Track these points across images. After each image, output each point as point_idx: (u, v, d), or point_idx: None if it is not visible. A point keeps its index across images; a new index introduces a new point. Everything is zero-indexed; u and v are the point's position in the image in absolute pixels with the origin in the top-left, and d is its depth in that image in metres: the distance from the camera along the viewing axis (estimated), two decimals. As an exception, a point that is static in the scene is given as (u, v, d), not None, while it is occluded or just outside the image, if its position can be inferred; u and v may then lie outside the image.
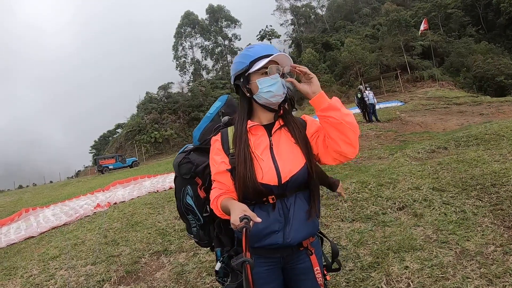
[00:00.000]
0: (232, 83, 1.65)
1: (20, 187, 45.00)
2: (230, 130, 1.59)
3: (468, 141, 7.20)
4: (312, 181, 1.52)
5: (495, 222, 3.44)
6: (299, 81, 1.51)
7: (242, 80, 1.54)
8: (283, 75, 1.51)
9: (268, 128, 1.56)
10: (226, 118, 1.69)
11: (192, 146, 1.88)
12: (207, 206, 1.70)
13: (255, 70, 1.49)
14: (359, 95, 16.86)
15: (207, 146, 1.69)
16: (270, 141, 1.52)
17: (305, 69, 1.47)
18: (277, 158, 1.48)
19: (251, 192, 1.44)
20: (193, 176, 1.76)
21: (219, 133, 1.61)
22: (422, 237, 3.43)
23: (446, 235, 3.35)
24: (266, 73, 1.49)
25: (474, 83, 39.58)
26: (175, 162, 1.84)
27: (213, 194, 1.52)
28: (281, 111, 1.58)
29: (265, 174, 1.44)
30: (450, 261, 2.91)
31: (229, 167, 1.50)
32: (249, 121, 1.55)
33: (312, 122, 1.61)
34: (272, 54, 1.47)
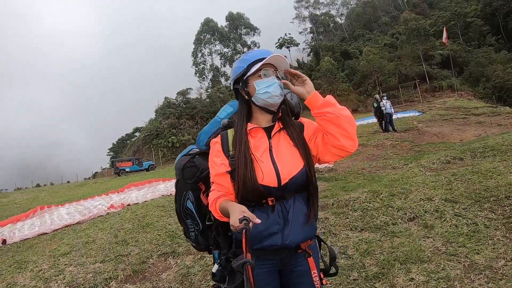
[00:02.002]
0: (231, 88, 1.68)
1: (38, 185, 45.82)
2: (230, 132, 1.60)
3: (485, 152, 7.05)
4: (311, 184, 1.53)
5: (507, 235, 3.36)
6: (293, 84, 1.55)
7: (240, 83, 1.58)
8: (278, 78, 1.54)
9: (268, 130, 1.57)
10: (225, 121, 1.71)
11: (196, 149, 1.87)
12: (211, 215, 1.70)
13: (252, 73, 1.52)
14: (375, 104, 16.72)
15: None
16: (269, 143, 1.54)
17: (298, 72, 1.51)
18: (276, 160, 1.49)
19: (251, 193, 1.45)
20: (196, 181, 1.77)
21: (219, 135, 1.63)
22: (431, 248, 3.37)
23: (456, 248, 3.29)
24: (263, 75, 1.52)
25: (494, 93, 38.84)
26: (178, 165, 1.83)
27: (211, 196, 1.52)
28: (280, 114, 1.60)
29: (265, 176, 1.45)
30: (457, 275, 2.85)
31: (229, 169, 1.51)
32: (249, 123, 1.57)
33: (310, 124, 1.62)
34: (265, 57, 1.50)
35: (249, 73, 1.53)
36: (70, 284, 3.97)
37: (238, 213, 1.24)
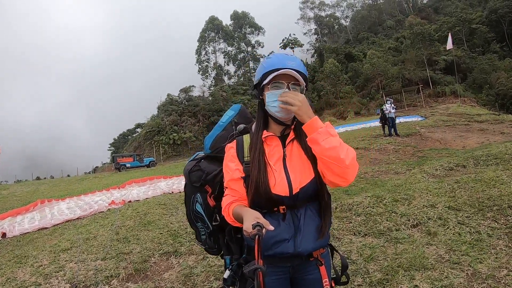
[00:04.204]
0: (252, 90, 1.67)
1: (38, 178, 45.77)
2: (246, 138, 1.60)
3: (488, 160, 7.05)
4: (322, 194, 1.52)
5: (510, 245, 3.36)
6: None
7: (257, 90, 1.57)
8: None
9: (282, 139, 1.56)
10: (241, 126, 1.71)
11: (203, 154, 1.90)
12: (217, 215, 1.73)
13: (267, 83, 1.49)
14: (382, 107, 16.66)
15: (218, 154, 1.72)
16: (284, 152, 1.52)
17: (288, 106, 1.41)
18: (289, 170, 1.48)
19: (263, 200, 1.45)
20: (203, 184, 1.79)
21: (234, 140, 1.62)
22: (434, 256, 3.37)
23: (459, 256, 3.29)
24: (274, 87, 1.48)
25: (497, 100, 38.82)
26: (185, 169, 1.87)
27: (225, 201, 1.52)
28: (292, 126, 1.56)
29: (277, 185, 1.44)
30: (460, 283, 2.85)
31: (243, 174, 1.51)
32: (264, 131, 1.56)
33: None
34: (282, 68, 1.45)
35: (264, 82, 1.50)
36: (71, 281, 3.95)
37: (251, 219, 1.23)
